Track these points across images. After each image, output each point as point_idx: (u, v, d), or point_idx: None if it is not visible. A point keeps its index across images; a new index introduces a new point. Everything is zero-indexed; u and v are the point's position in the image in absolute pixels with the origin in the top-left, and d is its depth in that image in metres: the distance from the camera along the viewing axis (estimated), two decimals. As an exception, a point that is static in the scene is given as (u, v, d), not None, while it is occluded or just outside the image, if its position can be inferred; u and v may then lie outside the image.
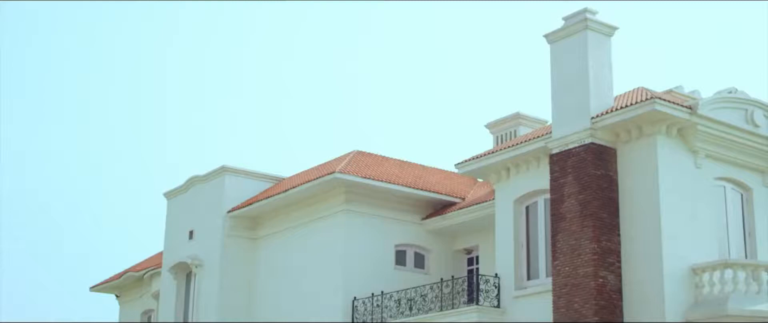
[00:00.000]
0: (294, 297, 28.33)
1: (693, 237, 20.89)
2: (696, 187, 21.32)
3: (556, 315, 21.13)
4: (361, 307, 26.22)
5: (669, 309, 20.10)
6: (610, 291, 20.64)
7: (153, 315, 35.90)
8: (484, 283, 23.49)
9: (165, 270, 32.38)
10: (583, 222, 21.00)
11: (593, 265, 20.60)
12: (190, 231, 31.59)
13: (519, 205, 23.79)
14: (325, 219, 27.87)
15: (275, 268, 29.50)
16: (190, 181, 32.08)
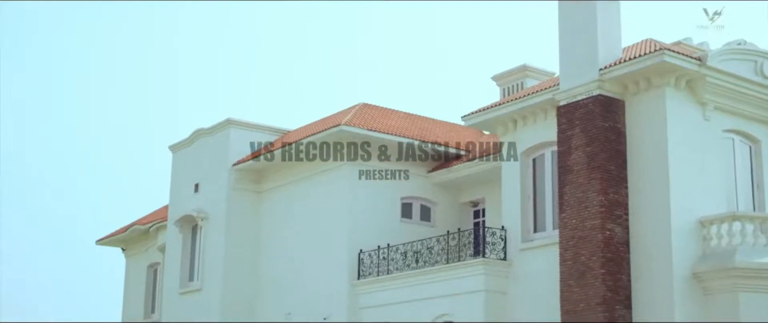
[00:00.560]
0: (300, 250, 28.33)
1: (701, 190, 20.77)
2: (704, 139, 21.16)
3: (563, 268, 21.08)
4: (367, 260, 26.21)
5: (676, 262, 20.04)
6: (618, 244, 20.57)
7: (159, 268, 35.98)
8: (491, 236, 23.43)
9: (171, 223, 32.39)
10: (590, 175, 20.88)
11: (600, 217, 20.50)
12: (195, 184, 31.55)
13: (526, 157, 23.66)
14: (330, 172, 27.79)
15: (281, 221, 29.47)
16: (195, 134, 31.97)
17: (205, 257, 30.61)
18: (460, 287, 23.38)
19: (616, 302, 20.22)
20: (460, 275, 23.46)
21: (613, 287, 20.27)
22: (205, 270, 30.52)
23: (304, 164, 28.64)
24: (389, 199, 27.40)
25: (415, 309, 24.38)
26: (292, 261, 28.61)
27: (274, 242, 29.57)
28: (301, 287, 27.97)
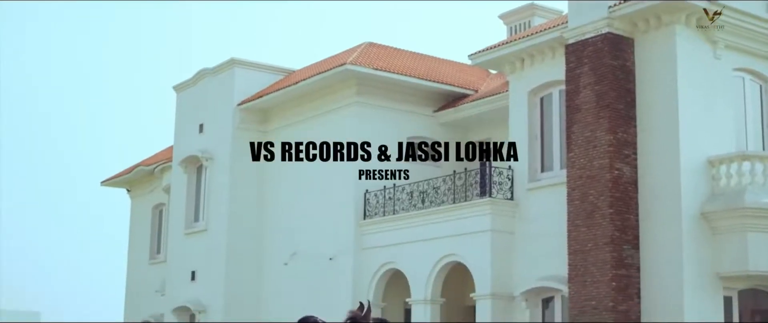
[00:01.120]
0: (305, 191, 28.23)
1: (710, 129, 20.57)
2: (714, 78, 20.91)
3: (571, 208, 20.97)
4: (372, 200, 26.11)
5: (685, 202, 19.92)
6: (626, 183, 20.42)
7: (164, 208, 35.94)
8: (498, 176, 23.29)
9: (175, 163, 32.28)
10: (598, 114, 20.67)
11: (609, 157, 20.34)
12: (200, 125, 31.37)
13: (533, 96, 23.44)
14: (336, 112, 27.59)
15: (286, 161, 29.32)
16: (199, 74, 31.72)
17: (210, 197, 30.55)
18: (467, 227, 23.30)
19: (623, 242, 20.14)
20: (467, 215, 23.36)
21: (620, 227, 20.17)
22: (210, 211, 30.48)
23: (309, 103, 28.44)
24: (395, 139, 27.21)
25: (421, 249, 24.33)
26: (297, 201, 28.53)
27: (279, 182, 29.47)
28: (307, 227, 27.92)
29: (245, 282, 29.23)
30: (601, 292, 19.93)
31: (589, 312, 20.08)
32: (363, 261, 26.06)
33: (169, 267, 32.56)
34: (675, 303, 19.63)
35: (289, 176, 29.05)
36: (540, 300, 22.63)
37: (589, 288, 20.20)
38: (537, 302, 22.62)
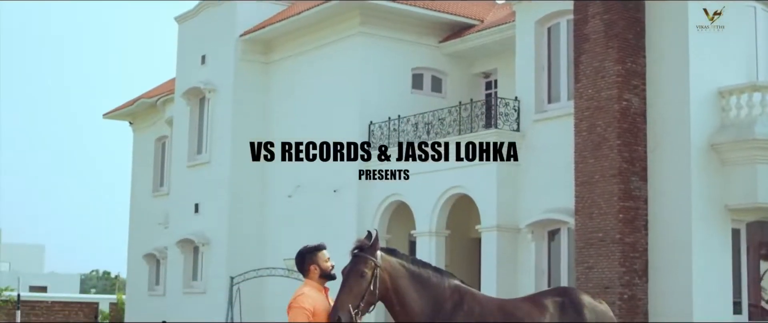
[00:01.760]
0: (309, 122, 27.98)
1: (720, 59, 20.19)
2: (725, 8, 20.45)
3: (578, 139, 20.69)
4: (377, 131, 25.86)
5: (694, 133, 19.64)
6: (634, 114, 20.12)
7: (167, 141, 35.78)
8: (504, 107, 22.99)
9: (178, 95, 32.02)
10: (607, 43, 20.28)
11: (617, 87, 20.01)
12: (202, 56, 31.04)
13: (540, 26, 23.02)
14: (340, 42, 27.22)
15: (289, 93, 29.07)
16: (201, 5, 31.30)
17: (213, 129, 30.34)
18: (472, 158, 23.06)
19: (631, 173, 19.90)
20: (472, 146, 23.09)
21: (628, 158, 19.92)
22: (213, 143, 30.30)
23: (312, 34, 28.06)
24: (399, 70, 26.90)
25: (426, 181, 24.12)
26: (301, 132, 28.29)
27: (282, 113, 29.22)
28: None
29: (249, 215, 29.16)
30: (608, 224, 19.75)
31: (595, 245, 19.92)
32: (367, 193, 25.90)
33: (172, 199, 32.50)
34: (683, 235, 19.46)
35: (293, 108, 28.79)
36: (546, 232, 22.50)
37: (595, 220, 20.01)
38: (543, 234, 22.49)
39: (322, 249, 8.20)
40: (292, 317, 7.87)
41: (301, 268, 8.19)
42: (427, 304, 8.28)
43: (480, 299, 8.58)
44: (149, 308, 34.31)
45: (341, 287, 7.97)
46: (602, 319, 9.04)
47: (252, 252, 28.82)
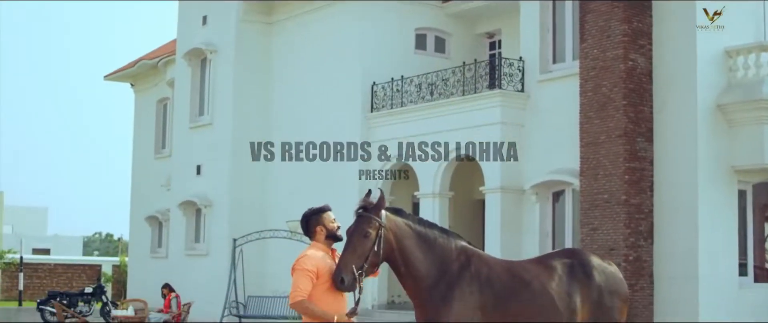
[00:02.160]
0: (311, 83, 27.77)
1: (728, 19, 19.89)
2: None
3: (583, 100, 20.47)
4: (380, 92, 25.64)
5: (701, 94, 19.43)
6: (640, 75, 19.89)
7: (168, 103, 35.57)
8: (508, 67, 22.74)
9: (179, 56, 31.76)
10: (613, 2, 19.98)
11: (623, 47, 19.76)
12: (203, 17, 30.74)
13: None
14: (342, 3, 26.89)
15: (291, 54, 28.81)
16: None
17: (215, 91, 30.11)
18: (476, 119, 22.86)
19: (637, 134, 19.71)
20: (476, 107, 22.90)
21: (634, 119, 19.72)
22: (215, 105, 30.08)
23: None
24: (402, 30, 26.61)
25: (430, 142, 23.93)
26: (303, 94, 28.09)
27: (284, 74, 28.99)
28: (314, 121, 27.53)
29: (251, 176, 29.02)
30: (614, 185, 19.59)
31: (600, 206, 19.77)
32: (370, 155, 25.72)
33: (174, 161, 32.35)
34: (689, 196, 19.31)
35: (295, 69, 28.55)
36: (550, 193, 22.34)
37: (601, 182, 19.85)
38: (547, 195, 22.34)
39: (327, 210, 8.02)
40: (295, 279, 7.71)
41: (306, 230, 8.00)
42: (433, 265, 8.10)
43: (487, 260, 8.39)
44: (152, 270, 34.27)
45: (345, 248, 7.79)
46: (612, 281, 8.88)
47: (254, 214, 28.72)
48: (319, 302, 7.65)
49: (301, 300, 7.65)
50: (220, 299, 26.26)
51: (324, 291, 7.69)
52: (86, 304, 28.74)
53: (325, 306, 7.64)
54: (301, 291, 7.65)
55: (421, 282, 8.07)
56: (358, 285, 7.65)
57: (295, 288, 7.69)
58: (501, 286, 8.24)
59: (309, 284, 7.65)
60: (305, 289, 7.65)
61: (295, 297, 7.67)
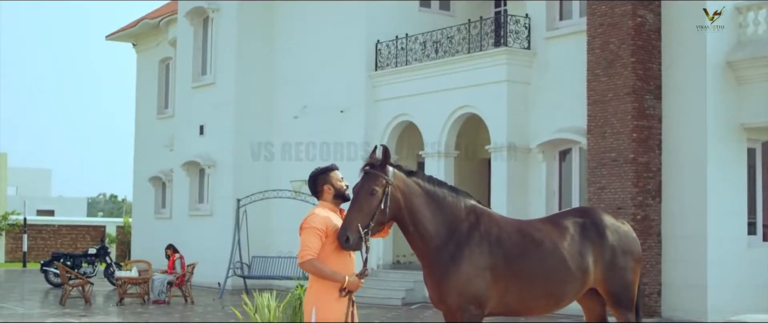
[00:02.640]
0: (315, 42, 27.46)
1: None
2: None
3: (591, 57, 20.17)
4: (384, 50, 25.34)
5: (710, 50, 19.12)
6: (649, 31, 19.57)
7: (171, 62, 35.28)
8: (514, 24, 22.41)
9: (181, 15, 31.40)
10: (622, -42, 19.63)
11: (631, 3, 19.41)
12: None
13: (552, -59, 22.35)
14: (345, -41, 26.53)
15: (295, 12, 28.46)
16: None
17: (218, 50, 29.81)
18: (482, 77, 22.57)
19: (645, 91, 19.44)
20: (482, 65, 22.61)
21: (643, 76, 19.43)
22: (217, 64, 29.80)
23: (318, -49, 27.37)
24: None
25: (435, 101, 23.68)
26: (307, 53, 27.78)
27: (288, 34, 28.66)
28: (317, 79, 27.27)
29: (255, 136, 28.81)
30: (622, 144, 19.35)
31: (608, 164, 19.54)
32: (375, 114, 25.50)
33: (177, 121, 32.13)
34: (697, 154, 19.07)
35: (299, 27, 28.22)
36: (557, 152, 22.12)
37: (608, 140, 19.60)
38: (554, 154, 22.11)
39: (334, 168, 7.77)
40: (304, 238, 7.47)
41: (314, 190, 7.76)
42: (442, 225, 7.85)
43: (497, 220, 8.15)
44: (155, 231, 34.16)
45: (350, 206, 7.53)
46: (625, 240, 8.66)
47: (258, 174, 28.55)
48: (327, 262, 7.43)
49: (311, 258, 7.43)
50: (224, 259, 26.15)
51: (332, 250, 7.47)
52: (90, 265, 28.64)
53: (333, 266, 7.43)
54: (311, 250, 7.42)
55: (429, 242, 7.84)
56: (364, 244, 7.40)
57: (303, 246, 7.47)
58: (511, 246, 8.01)
59: (318, 242, 7.43)
60: (314, 248, 7.42)
61: (305, 255, 7.44)
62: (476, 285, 7.79)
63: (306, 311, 7.50)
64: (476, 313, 7.79)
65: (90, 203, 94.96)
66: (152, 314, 20.33)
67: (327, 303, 7.42)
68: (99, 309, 21.58)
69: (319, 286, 7.46)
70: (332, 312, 7.41)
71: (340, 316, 7.44)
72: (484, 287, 7.81)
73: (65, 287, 22.55)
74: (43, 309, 21.35)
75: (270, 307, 12.77)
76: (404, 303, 22.97)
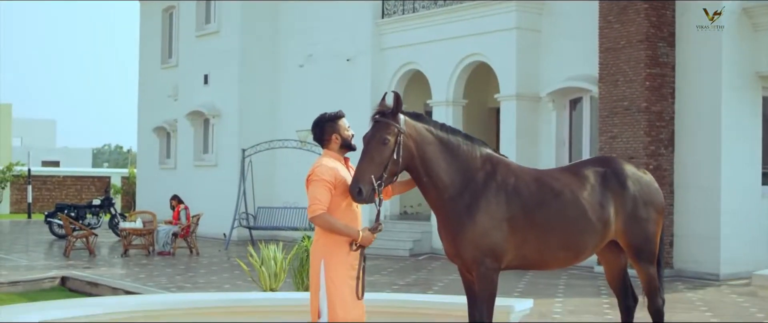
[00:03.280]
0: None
1: None
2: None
3: (603, 3, 19.65)
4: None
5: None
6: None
7: (174, 11, 34.79)
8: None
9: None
10: None
11: (645, -52, 18.91)
12: None
13: None
14: None
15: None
16: None
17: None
18: (491, 25, 22.11)
19: (659, 39, 18.98)
20: (491, 12, 22.13)
21: (656, 23, 18.96)
22: (222, 12, 29.35)
23: None
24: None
25: (443, 49, 23.26)
26: (312, 12, 27.32)
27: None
28: (323, 28, 26.83)
29: (260, 85, 28.47)
30: (634, 92, 18.94)
31: (620, 113, 19.15)
32: (382, 62, 25.09)
33: (181, 71, 31.77)
34: (711, 103, 18.66)
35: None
36: (567, 100, 21.73)
37: (621, 88, 19.19)
38: (564, 103, 21.73)
39: (342, 116, 7.36)
40: (313, 190, 7.05)
41: (320, 138, 7.29)
42: (457, 174, 7.47)
43: (514, 169, 7.75)
44: (160, 182, 33.87)
45: (362, 156, 7.13)
46: (646, 190, 8.29)
47: (263, 124, 28.23)
48: (334, 215, 7.05)
49: (322, 213, 7.04)
50: (229, 210, 25.93)
51: (339, 203, 7.09)
52: (94, 216, 28.41)
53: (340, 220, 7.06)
54: (321, 203, 7.02)
55: (443, 193, 7.45)
56: (377, 196, 7.03)
57: (313, 199, 7.07)
58: (529, 196, 7.63)
59: (328, 195, 7.03)
60: (325, 201, 7.03)
61: (316, 210, 7.05)
62: (493, 237, 7.43)
63: (313, 265, 7.17)
64: (493, 266, 7.45)
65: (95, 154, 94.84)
66: (157, 265, 20.11)
67: (337, 258, 7.09)
68: (103, 260, 21.37)
69: (328, 239, 7.10)
70: (342, 267, 7.09)
71: (350, 270, 7.12)
72: (501, 239, 7.46)
73: (69, 238, 22.33)
74: (47, 260, 21.13)
75: (276, 259, 12.50)
76: (412, 254, 22.73)
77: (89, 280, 16.66)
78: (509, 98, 21.76)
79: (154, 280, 17.21)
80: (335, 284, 7.04)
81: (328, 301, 7.04)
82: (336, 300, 7.04)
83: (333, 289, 7.04)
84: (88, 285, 16.44)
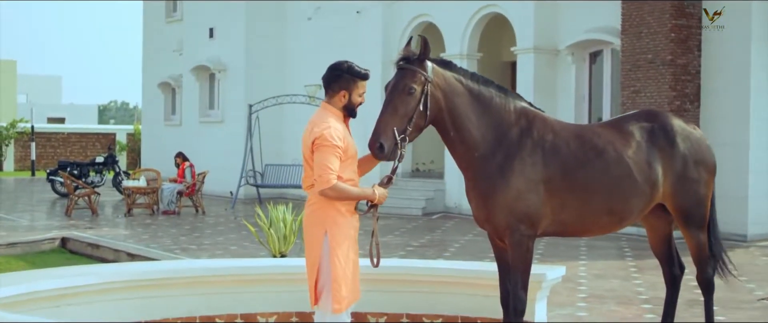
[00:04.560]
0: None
1: None
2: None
3: (626, -49, 18.80)
4: (403, -52, 23.99)
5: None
6: None
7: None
8: None
9: None
10: None
11: None
12: None
13: None
14: None
15: None
16: None
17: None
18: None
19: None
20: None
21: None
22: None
23: None
24: None
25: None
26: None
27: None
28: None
29: (267, 39, 27.69)
30: (659, 44, 18.06)
31: (643, 67, 18.30)
32: (393, 14, 24.25)
33: (186, 24, 30.98)
34: (739, 56, 17.80)
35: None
36: (587, 53, 20.88)
37: (644, 40, 18.31)
38: (584, 56, 20.88)
39: (367, 78, 6.38)
40: (323, 157, 6.08)
41: (329, 85, 6.33)
42: (489, 130, 6.63)
43: (552, 125, 6.90)
44: (165, 138, 33.16)
45: (384, 107, 6.26)
46: (697, 148, 7.48)
47: (271, 79, 27.46)
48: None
49: (336, 183, 6.16)
50: (236, 168, 25.25)
51: (343, 169, 6.18)
52: (97, 174, 27.68)
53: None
54: (334, 172, 6.14)
55: (473, 150, 6.61)
56: (400, 150, 6.19)
57: (324, 168, 6.13)
58: (569, 155, 6.79)
59: (338, 163, 6.13)
60: (337, 169, 6.14)
61: (330, 180, 6.12)
62: (528, 200, 6.61)
63: (313, 238, 6.28)
64: (528, 233, 6.64)
65: (101, 111, 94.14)
66: (161, 225, 19.41)
67: (342, 230, 6.22)
68: (106, 220, 20.68)
69: (331, 208, 6.20)
70: (346, 240, 6.22)
71: (353, 243, 6.28)
72: (537, 203, 6.64)
73: (71, 197, 21.64)
74: (48, 220, 20.46)
75: (285, 221, 11.74)
76: (424, 213, 22.04)
77: (90, 242, 16.01)
78: (526, 51, 20.92)
79: (157, 241, 16.52)
80: (341, 261, 6.18)
81: (334, 281, 6.20)
82: (341, 280, 6.22)
83: (339, 267, 6.21)
84: (89, 247, 15.80)
